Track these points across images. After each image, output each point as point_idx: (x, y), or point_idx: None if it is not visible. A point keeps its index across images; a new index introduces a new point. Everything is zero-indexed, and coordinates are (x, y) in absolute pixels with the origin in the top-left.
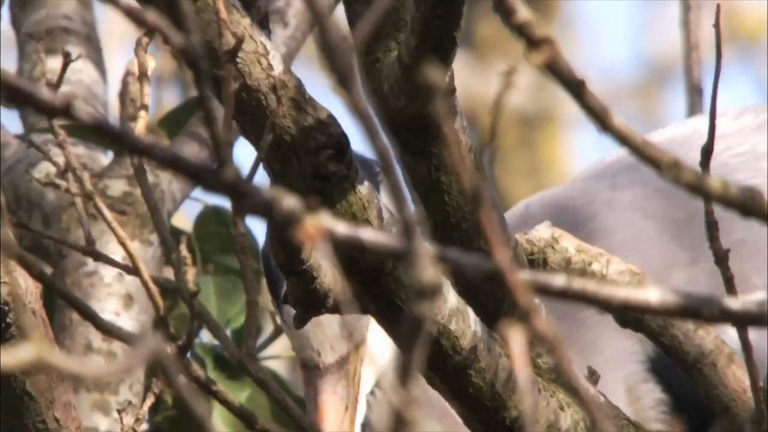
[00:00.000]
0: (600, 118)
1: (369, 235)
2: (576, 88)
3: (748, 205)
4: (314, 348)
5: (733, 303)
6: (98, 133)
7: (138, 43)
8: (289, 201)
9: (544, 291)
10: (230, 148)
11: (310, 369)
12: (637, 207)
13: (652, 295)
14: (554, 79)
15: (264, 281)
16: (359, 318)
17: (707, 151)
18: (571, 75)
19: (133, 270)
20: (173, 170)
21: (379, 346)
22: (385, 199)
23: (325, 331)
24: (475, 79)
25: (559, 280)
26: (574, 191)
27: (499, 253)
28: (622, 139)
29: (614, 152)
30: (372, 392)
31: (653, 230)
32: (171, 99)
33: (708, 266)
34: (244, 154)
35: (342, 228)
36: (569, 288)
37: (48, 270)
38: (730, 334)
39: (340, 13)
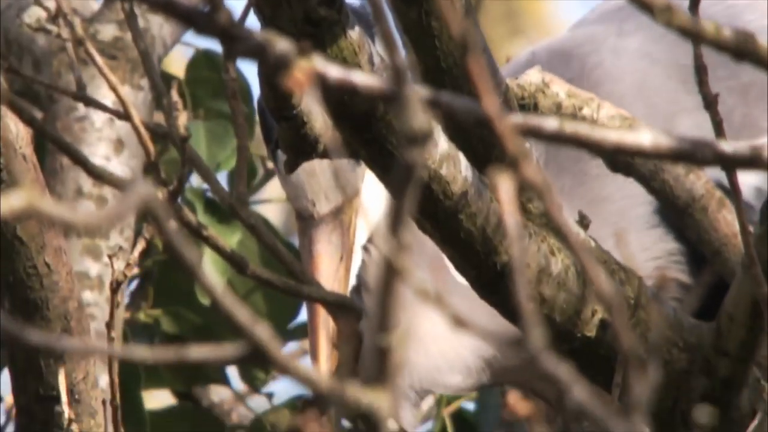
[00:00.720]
0: None
1: (360, 77)
2: None
3: (741, 48)
4: (309, 198)
5: (726, 146)
6: None
7: None
8: (282, 44)
9: (536, 134)
10: None
11: (304, 219)
12: (643, 53)
13: (644, 138)
14: None
15: (256, 126)
16: (353, 169)
17: None
18: None
19: (123, 115)
20: (166, 14)
21: (372, 198)
22: (379, 48)
23: (320, 181)
24: None
25: (551, 123)
26: (581, 38)
27: (488, 98)
28: None
29: None
30: (365, 248)
31: (660, 76)
32: None
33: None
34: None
35: (334, 70)
36: (561, 131)
37: (38, 115)
38: None
39: None
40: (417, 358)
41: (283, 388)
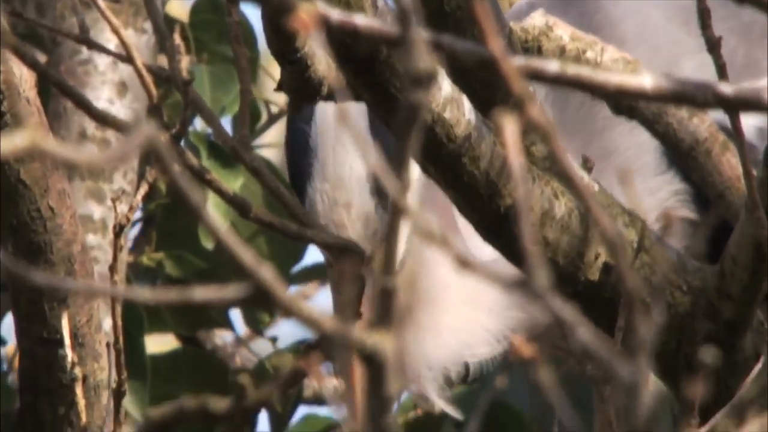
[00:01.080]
0: None
1: (363, 20)
2: None
3: None
4: None
5: (727, 88)
6: None
7: None
8: None
9: (539, 77)
10: None
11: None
12: None
13: (646, 80)
14: None
15: (259, 70)
16: (381, 217)
17: None
18: None
19: (126, 58)
20: None
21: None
22: None
23: (349, 233)
24: None
25: (553, 66)
26: None
27: (492, 40)
28: None
29: None
30: None
31: (661, 18)
32: None
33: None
34: None
35: (336, 14)
36: (564, 74)
37: (42, 58)
38: None
39: None
40: (437, 350)
41: (286, 332)
